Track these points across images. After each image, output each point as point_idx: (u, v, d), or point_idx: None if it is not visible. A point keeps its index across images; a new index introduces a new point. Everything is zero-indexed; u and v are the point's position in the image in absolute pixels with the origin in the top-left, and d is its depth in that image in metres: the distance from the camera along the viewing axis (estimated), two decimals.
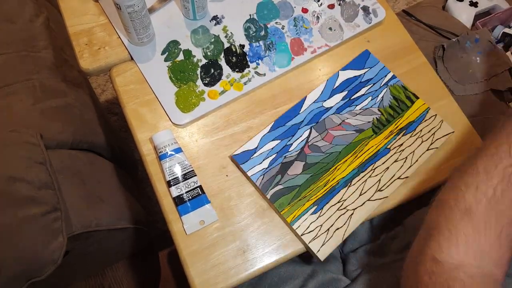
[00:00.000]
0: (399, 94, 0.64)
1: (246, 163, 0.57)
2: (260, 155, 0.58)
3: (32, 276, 0.59)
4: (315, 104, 0.62)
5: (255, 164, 0.57)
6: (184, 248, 0.54)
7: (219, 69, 0.64)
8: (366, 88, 0.64)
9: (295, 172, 0.58)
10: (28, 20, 0.83)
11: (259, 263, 0.55)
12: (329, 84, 0.63)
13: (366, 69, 0.65)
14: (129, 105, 0.61)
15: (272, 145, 0.59)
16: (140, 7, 0.56)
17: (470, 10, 0.95)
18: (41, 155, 0.64)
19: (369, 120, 0.62)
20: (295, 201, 0.56)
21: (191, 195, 0.56)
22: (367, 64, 0.65)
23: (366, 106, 0.63)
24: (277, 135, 0.59)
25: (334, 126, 0.61)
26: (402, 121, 0.62)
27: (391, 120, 0.62)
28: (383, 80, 0.65)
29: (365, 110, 0.62)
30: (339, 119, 0.61)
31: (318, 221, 0.55)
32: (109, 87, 1.42)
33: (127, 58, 0.65)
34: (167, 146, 0.57)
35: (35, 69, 0.78)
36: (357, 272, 0.61)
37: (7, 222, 0.57)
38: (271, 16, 0.69)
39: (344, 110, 0.62)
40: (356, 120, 0.61)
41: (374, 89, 0.64)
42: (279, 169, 0.58)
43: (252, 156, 0.58)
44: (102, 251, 0.79)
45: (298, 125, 0.60)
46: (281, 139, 0.59)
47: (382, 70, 0.65)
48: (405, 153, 0.60)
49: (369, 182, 0.58)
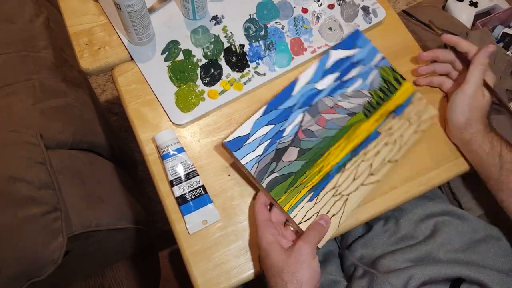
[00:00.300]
0: (388, 76, 0.64)
1: (239, 150, 0.54)
2: (254, 141, 0.55)
3: (32, 276, 0.59)
4: (308, 86, 0.60)
5: (248, 151, 0.55)
6: (187, 248, 0.54)
7: (219, 69, 0.64)
8: (357, 69, 0.63)
9: (290, 158, 0.56)
10: (28, 20, 0.83)
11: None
12: (321, 64, 0.62)
13: (357, 49, 0.64)
14: (131, 104, 0.61)
15: (265, 130, 0.56)
16: (140, 7, 0.56)
17: (470, 10, 0.96)
18: (41, 155, 0.64)
19: (360, 103, 0.61)
20: (291, 189, 0.55)
21: (194, 194, 0.56)
22: (358, 43, 0.64)
23: (357, 88, 0.62)
24: (270, 119, 0.57)
25: (327, 109, 0.60)
26: (391, 103, 0.62)
27: (381, 103, 0.62)
28: (373, 61, 0.64)
29: (357, 92, 0.62)
30: (331, 101, 0.60)
31: (315, 208, 0.55)
32: (109, 87, 1.42)
33: (127, 58, 0.65)
34: (170, 145, 0.57)
35: (35, 69, 0.78)
36: (352, 269, 0.62)
37: (7, 222, 0.57)
38: (271, 16, 0.69)
39: (336, 92, 0.61)
40: (348, 103, 0.61)
41: (364, 71, 0.63)
42: (274, 155, 0.56)
43: (245, 143, 0.55)
44: (102, 251, 0.79)
45: (291, 108, 0.58)
46: (274, 124, 0.57)
47: (371, 51, 0.65)
48: (394, 136, 0.61)
49: (362, 166, 0.58)
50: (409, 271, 0.54)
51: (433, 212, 0.64)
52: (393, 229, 0.64)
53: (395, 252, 0.60)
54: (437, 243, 0.60)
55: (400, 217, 0.64)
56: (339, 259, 0.68)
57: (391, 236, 0.63)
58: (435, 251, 0.59)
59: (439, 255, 0.59)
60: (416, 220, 0.64)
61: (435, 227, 0.62)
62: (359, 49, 0.64)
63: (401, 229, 0.63)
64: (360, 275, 0.58)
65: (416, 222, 0.64)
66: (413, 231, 0.63)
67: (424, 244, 0.60)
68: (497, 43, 0.90)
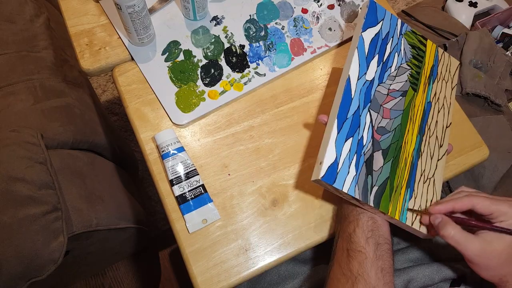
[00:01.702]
0: (413, 40, 0.63)
1: (337, 180, 0.49)
2: (344, 163, 0.51)
3: (32, 276, 0.59)
4: (360, 81, 0.56)
5: (344, 176, 0.50)
6: (186, 247, 0.54)
7: (219, 69, 0.65)
8: (389, 44, 0.61)
9: (379, 165, 0.53)
10: (29, 20, 0.83)
11: (261, 261, 0.55)
12: (361, 52, 0.58)
13: (380, 22, 0.61)
14: (132, 104, 0.62)
15: (348, 146, 0.52)
16: (141, 7, 0.56)
17: (470, 10, 0.96)
18: (41, 155, 0.64)
19: (405, 79, 0.60)
20: (393, 195, 0.52)
21: (194, 194, 0.56)
22: (379, 16, 0.61)
23: (397, 65, 0.60)
24: (347, 132, 0.53)
25: (384, 98, 0.58)
26: (426, 68, 0.62)
27: (420, 71, 0.61)
28: (397, 30, 0.62)
29: (399, 69, 0.60)
30: (385, 88, 0.58)
31: (416, 203, 0.54)
32: (109, 87, 1.43)
33: (128, 58, 0.65)
34: (170, 145, 0.57)
35: (36, 69, 0.78)
36: None
37: (7, 222, 0.57)
38: (271, 17, 0.69)
39: (384, 77, 0.59)
40: (397, 83, 0.59)
41: (395, 43, 0.61)
42: (366, 169, 0.52)
43: (338, 169, 0.50)
44: (103, 251, 0.79)
45: (357, 111, 0.55)
46: (352, 135, 0.53)
47: (392, 19, 0.62)
48: (441, 100, 0.61)
49: (431, 142, 0.58)
50: (411, 271, 0.54)
51: None
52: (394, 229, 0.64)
53: (396, 252, 0.60)
54: (438, 243, 0.60)
55: None
56: None
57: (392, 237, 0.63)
58: (436, 252, 0.59)
59: (440, 256, 0.59)
60: None
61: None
62: (382, 21, 0.61)
63: (402, 229, 0.63)
64: None
65: None
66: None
67: (424, 244, 0.60)
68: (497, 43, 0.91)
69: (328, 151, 0.50)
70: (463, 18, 0.95)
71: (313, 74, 0.67)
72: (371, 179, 0.52)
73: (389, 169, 0.54)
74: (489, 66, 0.86)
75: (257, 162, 0.60)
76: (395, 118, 0.57)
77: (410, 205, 0.53)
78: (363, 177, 0.51)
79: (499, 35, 0.92)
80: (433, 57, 0.62)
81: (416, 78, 0.60)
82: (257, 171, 0.60)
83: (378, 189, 0.52)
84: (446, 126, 0.60)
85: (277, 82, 0.66)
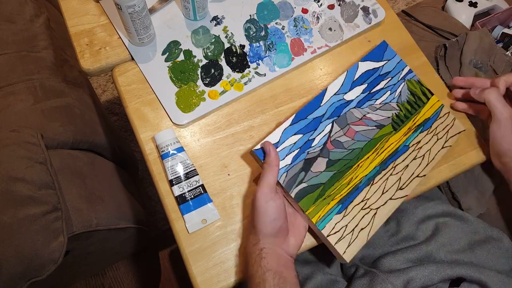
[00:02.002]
0: (415, 89, 0.63)
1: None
2: (283, 150, 0.54)
3: (32, 276, 0.59)
4: (336, 97, 0.59)
5: None
6: (186, 247, 0.54)
7: (220, 69, 0.65)
8: (385, 81, 0.62)
9: (319, 169, 0.55)
10: (29, 20, 0.83)
11: None
12: (349, 75, 0.61)
13: (385, 61, 0.63)
14: (131, 104, 0.62)
15: (294, 139, 0.55)
16: (141, 7, 0.56)
17: (470, 10, 0.96)
18: (41, 155, 0.64)
19: (388, 115, 0.61)
20: (319, 200, 0.54)
21: (193, 194, 0.56)
22: (385, 56, 0.64)
23: (385, 101, 0.62)
24: (299, 128, 0.56)
25: (355, 121, 0.59)
26: (419, 117, 0.62)
27: (409, 116, 0.62)
28: (401, 74, 0.64)
29: (385, 105, 0.61)
30: (360, 113, 0.60)
31: (343, 221, 0.54)
32: (109, 87, 1.43)
33: (128, 58, 0.65)
34: (169, 145, 0.57)
35: (36, 69, 0.78)
36: (352, 269, 0.62)
37: (7, 222, 0.57)
38: (271, 17, 0.69)
39: (364, 104, 0.60)
40: (376, 115, 0.60)
41: (392, 83, 0.63)
42: (303, 165, 0.55)
43: None
44: (103, 251, 0.79)
45: (319, 118, 0.57)
46: (303, 133, 0.56)
47: (399, 63, 0.64)
48: (422, 150, 0.60)
49: (390, 180, 0.58)
50: (410, 272, 0.54)
51: (434, 213, 0.64)
52: (394, 229, 0.64)
53: (396, 252, 0.60)
54: (438, 243, 0.60)
55: (401, 218, 0.65)
56: None
57: (392, 237, 0.63)
58: (436, 252, 0.59)
59: (440, 256, 0.59)
60: (417, 221, 0.64)
61: (436, 228, 0.62)
62: (387, 61, 0.64)
63: (402, 230, 0.63)
64: (361, 274, 0.58)
65: (417, 223, 0.64)
66: (414, 232, 0.63)
67: (425, 245, 0.60)
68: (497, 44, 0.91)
69: (272, 134, 0.55)
70: (463, 18, 0.95)
71: (313, 74, 0.67)
72: (303, 175, 0.54)
73: (327, 178, 0.55)
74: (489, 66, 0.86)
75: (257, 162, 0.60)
76: (358, 141, 0.58)
77: (335, 220, 0.54)
78: (296, 170, 0.54)
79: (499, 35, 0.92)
80: (433, 111, 0.63)
81: (401, 120, 0.61)
82: (257, 171, 0.60)
83: (307, 188, 0.54)
84: (417, 176, 0.59)
85: (277, 82, 0.66)
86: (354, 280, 0.57)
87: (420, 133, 0.61)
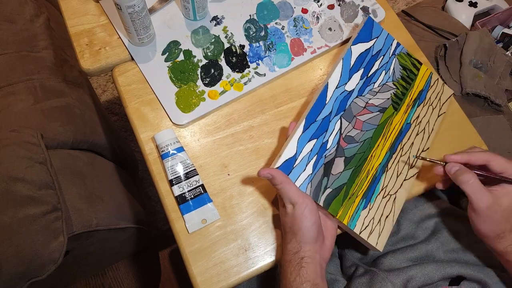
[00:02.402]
0: (406, 62, 0.63)
1: (291, 174, 0.52)
2: (302, 160, 0.53)
3: (32, 276, 0.59)
4: (338, 90, 0.58)
5: (300, 172, 0.53)
6: (186, 247, 0.54)
7: (219, 69, 0.65)
8: (378, 61, 0.62)
9: (339, 170, 0.55)
10: (29, 20, 0.83)
11: (261, 261, 0.55)
12: (345, 63, 0.60)
13: (374, 39, 0.62)
14: (131, 104, 0.62)
15: (310, 146, 0.54)
16: (141, 7, 0.56)
17: (470, 10, 0.96)
18: (41, 155, 0.64)
19: (387, 96, 0.61)
20: (346, 201, 0.54)
21: (193, 194, 0.56)
22: (373, 33, 0.63)
23: (382, 82, 0.61)
24: (312, 133, 0.55)
25: (360, 110, 0.59)
26: (414, 91, 0.62)
27: (405, 93, 0.62)
28: (391, 49, 0.63)
29: (383, 86, 0.61)
30: (362, 101, 0.59)
31: (370, 214, 0.55)
32: (109, 87, 1.43)
33: (128, 58, 0.65)
34: (169, 145, 0.57)
35: (36, 69, 0.78)
36: (352, 269, 0.62)
37: (7, 222, 0.57)
38: (271, 17, 0.69)
39: (365, 90, 0.60)
40: (377, 99, 0.60)
41: (385, 62, 0.62)
42: (324, 170, 0.54)
43: (295, 164, 0.53)
44: (103, 251, 0.79)
45: (328, 117, 0.57)
46: (316, 137, 0.55)
47: (387, 38, 0.63)
48: (422, 124, 0.61)
49: (401, 161, 0.59)
50: (410, 270, 0.54)
51: (434, 212, 0.64)
52: (394, 229, 0.64)
53: (396, 251, 0.60)
54: (437, 243, 0.60)
55: (400, 218, 0.65)
56: (339, 259, 0.68)
57: (392, 236, 0.63)
58: (436, 251, 0.59)
59: (439, 255, 0.59)
60: (417, 221, 0.64)
61: (435, 227, 0.62)
62: (376, 38, 0.63)
63: (401, 229, 0.63)
64: (361, 273, 0.58)
65: (416, 222, 0.64)
66: (413, 231, 0.63)
67: (424, 244, 0.60)
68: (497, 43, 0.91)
69: (288, 146, 0.53)
70: (463, 18, 0.95)
71: (313, 74, 0.67)
72: (326, 181, 0.54)
73: (348, 176, 0.55)
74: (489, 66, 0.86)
75: (257, 162, 0.60)
76: (367, 131, 0.58)
77: (363, 216, 0.54)
78: (318, 177, 0.53)
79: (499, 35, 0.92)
80: (424, 81, 0.63)
81: (399, 98, 0.61)
82: (257, 171, 0.60)
83: (332, 192, 0.53)
84: (422, 150, 0.60)
85: (277, 82, 0.66)
86: (354, 279, 0.57)
87: (418, 107, 0.62)
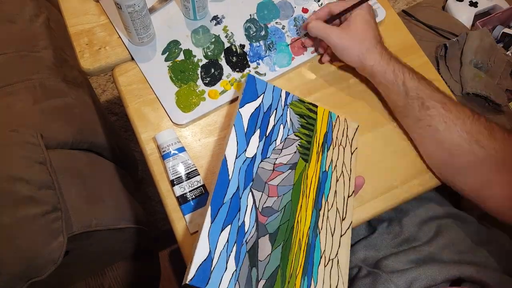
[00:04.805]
0: (301, 109, 0.58)
1: (211, 281, 0.41)
2: (220, 258, 0.43)
3: (32, 276, 0.59)
4: (239, 160, 0.50)
5: (221, 273, 0.42)
6: (187, 247, 0.54)
7: (220, 69, 0.64)
8: (273, 117, 0.55)
9: (266, 252, 0.46)
10: (28, 20, 0.83)
11: None
12: (238, 129, 0.52)
13: (261, 95, 0.56)
14: (132, 104, 0.61)
15: (225, 236, 0.44)
16: (141, 7, 0.56)
17: (470, 10, 0.96)
18: (41, 155, 0.64)
19: (294, 150, 0.54)
20: (286, 286, 0.45)
21: (195, 194, 0.56)
22: (259, 89, 0.56)
23: (283, 137, 0.55)
24: (223, 220, 0.45)
25: (269, 174, 0.51)
26: (318, 136, 0.57)
27: (310, 140, 0.56)
28: (281, 101, 0.57)
29: (285, 141, 0.54)
30: (269, 164, 0.52)
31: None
32: (109, 87, 1.42)
33: (128, 58, 0.65)
34: (170, 145, 0.57)
35: (35, 69, 0.78)
36: (355, 270, 0.62)
37: (7, 222, 0.57)
38: (272, 16, 0.69)
39: (268, 151, 0.53)
40: (284, 156, 0.53)
41: (279, 115, 0.56)
42: (249, 260, 0.44)
43: (213, 266, 0.42)
44: (102, 251, 0.79)
45: (236, 193, 0.48)
46: (230, 223, 0.45)
47: (274, 91, 0.57)
48: (338, 168, 0.55)
49: (331, 216, 0.52)
50: (413, 272, 0.54)
51: (436, 214, 0.64)
52: (396, 231, 0.64)
53: (399, 253, 0.60)
54: (440, 245, 0.60)
55: (403, 219, 0.64)
56: None
57: (395, 238, 0.63)
58: (438, 253, 0.59)
59: (442, 257, 0.59)
60: (419, 222, 0.64)
61: (438, 229, 0.62)
62: (262, 94, 0.56)
63: (404, 231, 0.63)
64: (364, 275, 0.58)
65: (419, 224, 0.64)
66: (416, 233, 0.63)
67: (427, 246, 0.60)
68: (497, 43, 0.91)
69: (199, 247, 0.42)
70: (463, 18, 0.95)
71: (312, 75, 0.67)
72: (256, 272, 0.44)
73: (279, 256, 0.46)
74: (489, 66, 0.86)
75: None
76: (284, 194, 0.51)
77: None
78: (245, 270, 0.44)
79: (499, 35, 0.92)
80: (326, 123, 0.58)
81: (306, 148, 0.55)
82: None
83: (266, 283, 0.44)
84: (348, 196, 0.54)
85: (277, 81, 0.66)
86: (357, 280, 0.57)
87: (328, 152, 0.56)
